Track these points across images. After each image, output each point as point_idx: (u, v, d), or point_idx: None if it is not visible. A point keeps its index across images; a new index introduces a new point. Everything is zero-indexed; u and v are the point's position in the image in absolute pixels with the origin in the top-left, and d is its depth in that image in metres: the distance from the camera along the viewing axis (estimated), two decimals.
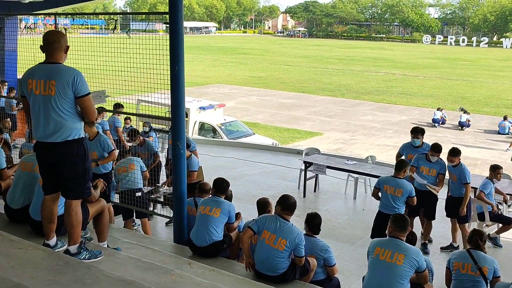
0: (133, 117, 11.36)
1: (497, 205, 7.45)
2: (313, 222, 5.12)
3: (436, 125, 22.06)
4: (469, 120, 21.86)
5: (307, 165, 9.53)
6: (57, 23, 7.41)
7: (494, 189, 7.39)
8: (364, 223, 8.36)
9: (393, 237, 4.58)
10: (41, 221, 4.23)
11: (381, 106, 27.46)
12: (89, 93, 3.86)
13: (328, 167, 9.32)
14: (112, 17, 7.47)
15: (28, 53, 6.98)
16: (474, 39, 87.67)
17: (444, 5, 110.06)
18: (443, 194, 7.65)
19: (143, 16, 7.19)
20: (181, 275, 4.14)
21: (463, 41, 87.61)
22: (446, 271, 5.07)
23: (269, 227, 4.87)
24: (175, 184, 5.89)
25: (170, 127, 8.49)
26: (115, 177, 7.35)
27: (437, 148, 7.23)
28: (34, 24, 10.91)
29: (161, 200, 7.35)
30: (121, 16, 9.14)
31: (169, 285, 3.92)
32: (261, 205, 5.55)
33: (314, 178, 9.90)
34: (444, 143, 9.18)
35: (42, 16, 10.23)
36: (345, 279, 6.03)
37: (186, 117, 8.05)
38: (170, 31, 5.49)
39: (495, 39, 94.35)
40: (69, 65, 3.93)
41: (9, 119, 10.95)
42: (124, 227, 7.16)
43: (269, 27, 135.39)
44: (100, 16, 9.70)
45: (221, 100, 24.14)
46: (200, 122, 16.73)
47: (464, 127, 21.67)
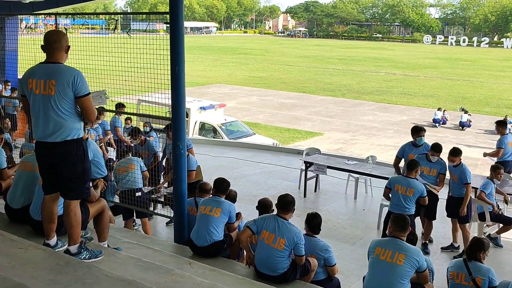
0: (133, 117, 11.37)
1: (498, 205, 7.44)
2: (313, 222, 5.13)
3: (436, 125, 22.08)
4: (469, 120, 21.88)
5: (308, 165, 9.53)
6: (57, 23, 7.39)
7: (494, 189, 7.39)
8: (364, 223, 8.37)
9: (394, 237, 4.58)
10: (42, 221, 4.24)
11: (381, 106, 27.46)
12: (89, 93, 3.86)
13: (328, 167, 9.32)
14: (112, 17, 7.47)
15: (28, 53, 6.97)
16: (474, 39, 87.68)
17: (444, 5, 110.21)
18: (444, 194, 7.65)
19: (144, 16, 7.19)
20: (182, 275, 4.14)
21: (464, 41, 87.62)
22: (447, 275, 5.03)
23: (268, 227, 4.88)
24: (176, 184, 5.89)
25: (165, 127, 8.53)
26: (115, 177, 7.35)
27: (437, 148, 7.23)
28: (34, 24, 10.92)
29: (162, 200, 7.36)
30: (122, 16, 9.15)
31: (169, 285, 3.92)
32: (263, 205, 5.55)
33: (314, 178, 9.89)
34: (444, 143, 9.16)
35: (42, 16, 10.24)
36: (346, 279, 6.02)
37: (186, 117, 8.05)
38: (170, 31, 5.49)
39: (495, 39, 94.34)
40: (70, 65, 3.93)
41: (9, 119, 10.96)
42: (124, 227, 7.16)
43: (270, 27, 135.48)
44: (100, 16, 9.71)
45: (222, 100, 24.16)
46: (200, 122, 16.75)
47: (464, 127, 21.68)
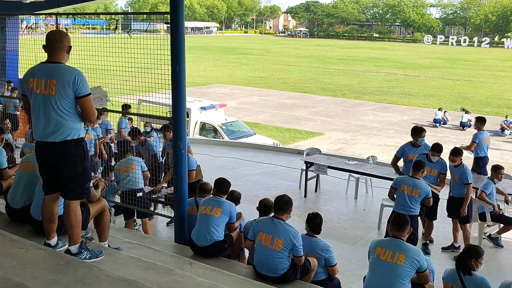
0: (134, 117, 11.37)
1: (498, 205, 7.44)
2: (314, 222, 5.13)
3: (437, 125, 22.06)
4: (470, 120, 21.83)
5: (308, 165, 9.53)
6: (58, 23, 7.40)
7: (495, 189, 7.38)
8: (365, 223, 8.37)
9: (394, 237, 4.58)
10: (42, 221, 4.23)
11: (382, 106, 27.44)
12: (90, 93, 3.86)
13: (329, 167, 9.33)
14: (113, 17, 7.46)
15: (29, 53, 6.98)
16: (475, 39, 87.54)
17: (445, 5, 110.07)
18: (445, 194, 7.65)
19: (144, 16, 7.21)
20: (182, 275, 4.14)
21: (465, 41, 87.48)
22: None
23: (264, 229, 4.90)
24: (176, 184, 5.89)
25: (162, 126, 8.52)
26: (115, 177, 7.35)
27: (437, 148, 7.23)
28: (35, 24, 10.93)
29: (162, 200, 7.36)
30: (122, 16, 9.15)
31: (170, 285, 3.92)
32: (264, 206, 5.53)
33: (315, 178, 9.90)
34: (445, 143, 9.16)
35: (43, 16, 10.25)
36: (346, 279, 6.03)
37: (187, 117, 8.07)
38: (171, 31, 5.49)
39: (496, 39, 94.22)
40: (70, 65, 3.94)
41: (9, 120, 10.95)
42: (125, 227, 7.17)
43: (270, 27, 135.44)
44: (101, 16, 9.69)
45: (222, 100, 24.15)
46: (201, 122, 16.75)
47: (465, 127, 21.65)
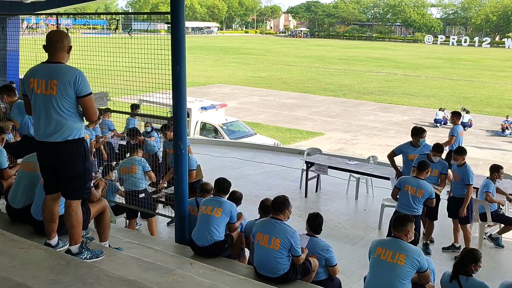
0: (134, 117, 11.35)
1: (499, 204, 7.44)
2: (314, 222, 5.14)
3: (438, 125, 22.05)
4: (471, 120, 21.84)
5: (309, 165, 9.53)
6: (59, 23, 7.40)
7: (495, 189, 7.38)
8: (365, 223, 8.36)
9: (395, 237, 4.58)
10: (43, 220, 4.24)
11: (382, 106, 27.44)
12: (91, 93, 3.87)
13: (329, 167, 9.33)
14: (113, 17, 7.46)
15: (30, 53, 6.99)
16: (476, 39, 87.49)
17: (446, 5, 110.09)
18: (446, 194, 7.64)
19: (145, 16, 7.21)
20: (183, 275, 4.14)
21: (465, 41, 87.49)
22: None
23: (261, 229, 4.91)
24: (176, 184, 5.89)
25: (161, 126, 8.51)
26: (119, 176, 7.34)
27: (438, 148, 7.23)
28: (36, 24, 10.93)
29: (163, 200, 7.35)
30: (123, 16, 9.13)
31: (170, 285, 3.92)
32: (264, 207, 5.53)
33: (315, 178, 9.90)
34: None
35: (44, 16, 10.23)
36: (347, 279, 6.03)
37: (187, 117, 8.06)
38: (171, 31, 5.49)
39: (497, 39, 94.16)
40: (71, 65, 3.95)
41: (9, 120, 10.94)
42: (127, 226, 7.17)
43: (271, 27, 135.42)
44: (101, 16, 9.69)
45: (223, 100, 24.16)
46: (201, 122, 16.75)
47: (466, 127, 21.61)
